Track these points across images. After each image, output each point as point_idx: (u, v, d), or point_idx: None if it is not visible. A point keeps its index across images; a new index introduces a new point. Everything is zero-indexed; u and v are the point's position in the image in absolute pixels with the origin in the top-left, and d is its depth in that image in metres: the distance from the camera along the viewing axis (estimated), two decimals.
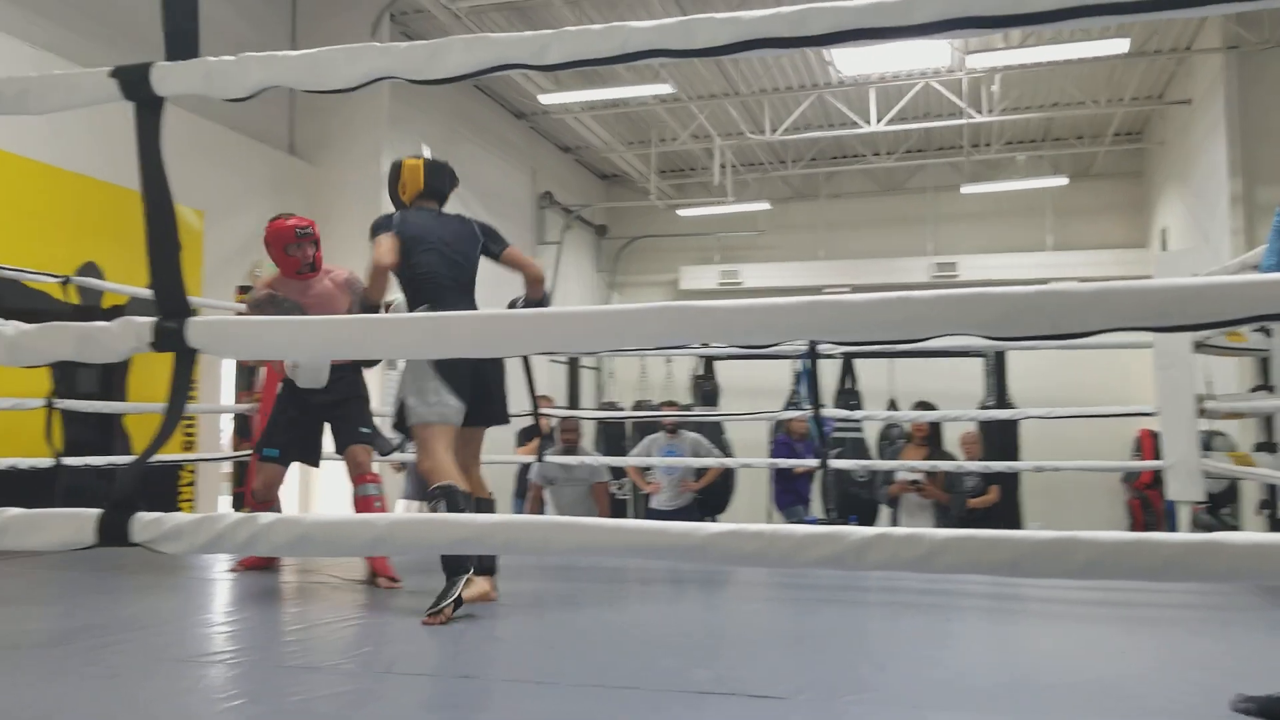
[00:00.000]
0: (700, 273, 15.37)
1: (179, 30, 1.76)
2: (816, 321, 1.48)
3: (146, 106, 1.74)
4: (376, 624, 3.65)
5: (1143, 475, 11.10)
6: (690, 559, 1.48)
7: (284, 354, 1.96)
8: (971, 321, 1.40)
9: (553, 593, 4.32)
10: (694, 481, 7.95)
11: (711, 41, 1.61)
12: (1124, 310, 1.31)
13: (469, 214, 4.50)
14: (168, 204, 1.73)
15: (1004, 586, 4.31)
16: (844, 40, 1.56)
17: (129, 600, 4.01)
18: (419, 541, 1.65)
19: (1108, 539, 1.23)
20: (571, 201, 14.44)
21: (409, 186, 4.25)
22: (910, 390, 10.14)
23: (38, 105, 1.85)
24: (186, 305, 1.73)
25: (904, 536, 1.32)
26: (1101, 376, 11.85)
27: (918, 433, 7.21)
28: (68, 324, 1.77)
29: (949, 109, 12.16)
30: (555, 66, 1.68)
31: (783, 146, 14.04)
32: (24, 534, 1.70)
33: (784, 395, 10.53)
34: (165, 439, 1.76)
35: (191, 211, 7.56)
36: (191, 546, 1.66)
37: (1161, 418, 5.41)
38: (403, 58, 1.69)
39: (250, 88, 1.71)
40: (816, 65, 11.30)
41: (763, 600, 4.36)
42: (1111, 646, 3.30)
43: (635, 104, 12.06)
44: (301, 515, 1.74)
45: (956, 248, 14.40)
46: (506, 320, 1.69)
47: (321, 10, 9.34)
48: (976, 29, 1.50)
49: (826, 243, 15.11)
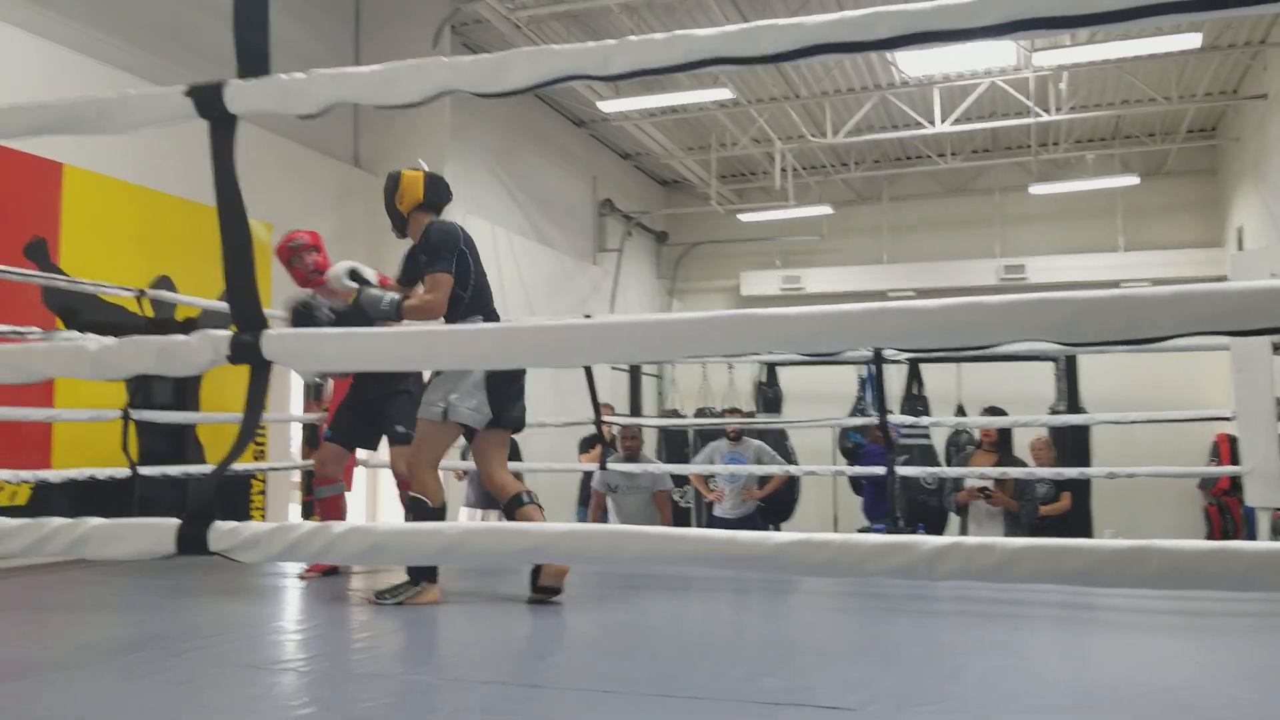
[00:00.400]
0: (762, 278, 15.30)
1: (251, 49, 1.80)
2: (884, 328, 1.47)
3: (220, 124, 1.78)
4: (446, 630, 3.68)
5: (1220, 481, 10.85)
6: (759, 569, 1.48)
7: (357, 366, 1.99)
8: (1041, 326, 1.38)
9: (617, 600, 4.32)
10: (757, 489, 7.91)
11: (775, 48, 1.60)
12: (1199, 314, 1.29)
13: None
14: (242, 219, 1.77)
15: (1077, 595, 4.23)
16: (909, 44, 1.55)
17: (200, 608, 4.09)
18: (488, 550, 1.66)
19: (1183, 547, 1.20)
20: (632, 208, 14.48)
21: (407, 197, 4.26)
22: (978, 395, 9.99)
23: (116, 125, 1.91)
24: (262, 318, 1.76)
25: (976, 546, 1.30)
26: (1176, 379, 11.60)
27: (987, 439, 7.10)
28: (147, 338, 1.82)
29: (1016, 108, 11.99)
30: (619, 76, 1.69)
31: (845, 149, 13.94)
32: (105, 544, 1.74)
33: (849, 401, 10.45)
34: (241, 450, 1.80)
35: (260, 224, 7.70)
36: (267, 555, 1.69)
37: (1239, 421, 5.28)
38: (469, 72, 1.70)
39: (320, 104, 1.74)
40: (879, 66, 11.21)
41: (830, 609, 4.33)
42: (1188, 657, 3.22)
43: (695, 109, 12.06)
44: (373, 524, 1.77)
45: (1025, 249, 14.17)
46: (572, 331, 1.70)
47: (384, 23, 9.48)
48: (1044, 29, 1.48)
49: (890, 246, 14.97)
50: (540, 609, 3.95)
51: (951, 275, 13.85)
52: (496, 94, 1.72)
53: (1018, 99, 11.57)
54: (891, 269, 14.60)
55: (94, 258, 6.26)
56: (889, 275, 14.40)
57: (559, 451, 9.78)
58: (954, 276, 13.80)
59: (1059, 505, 7.28)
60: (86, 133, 1.95)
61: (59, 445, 5.94)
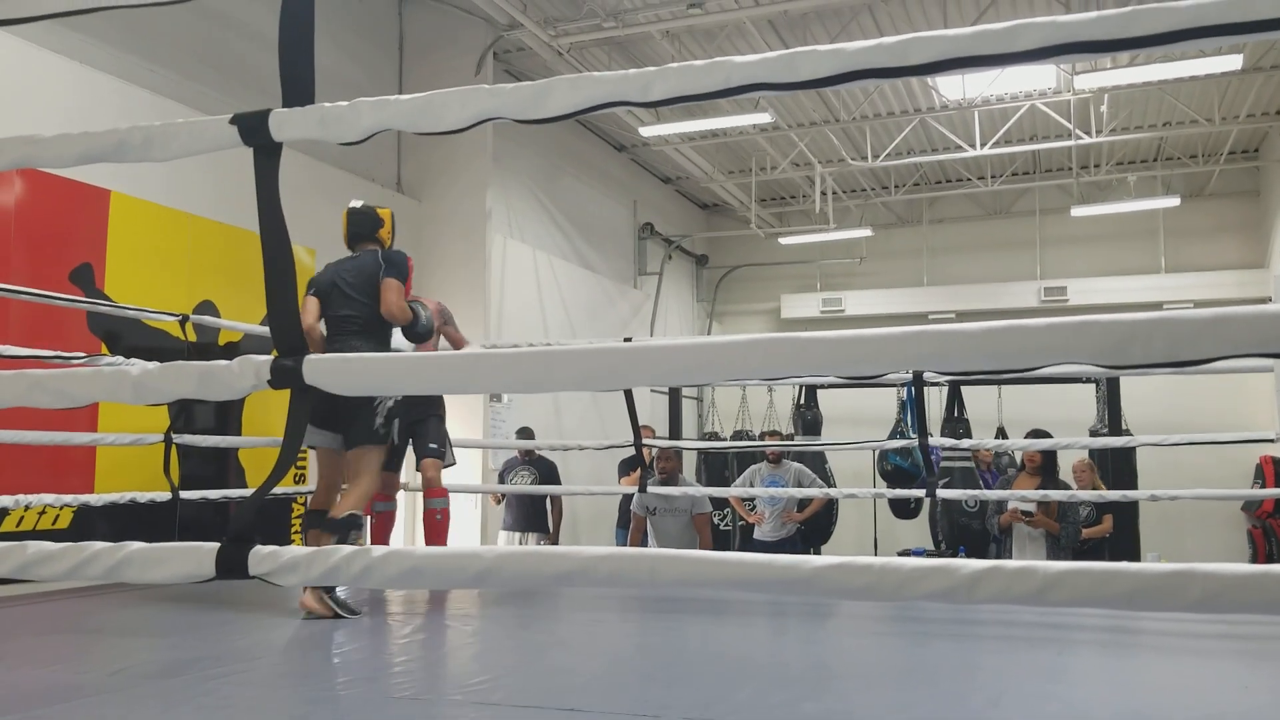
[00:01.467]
0: (802, 301, 15.27)
1: (295, 78, 1.84)
2: (925, 351, 1.46)
3: (264, 152, 1.81)
4: (483, 653, 3.69)
5: (1264, 503, 10.67)
6: (798, 592, 1.47)
7: (398, 390, 2.01)
8: (1083, 350, 1.37)
9: (656, 624, 4.31)
10: (797, 512, 7.87)
11: (814, 74, 1.61)
12: (1241, 336, 1.27)
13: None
14: (285, 246, 1.80)
15: (1120, 619, 4.17)
16: (947, 69, 1.56)
17: (240, 631, 4.12)
18: (526, 574, 1.67)
19: (1226, 571, 1.19)
20: (672, 232, 14.52)
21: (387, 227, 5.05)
22: (1019, 418, 9.91)
23: (162, 152, 1.94)
24: (303, 343, 1.79)
25: (1017, 570, 1.29)
26: (1219, 401, 11.43)
27: (1030, 462, 7.02)
28: (190, 363, 1.85)
29: (1056, 130, 11.92)
30: (659, 103, 1.70)
31: (885, 172, 13.91)
32: (146, 567, 1.76)
33: (888, 424, 10.38)
34: (283, 474, 1.82)
35: (304, 250, 7.79)
36: (307, 578, 1.71)
37: None
38: (510, 98, 1.73)
39: (363, 131, 1.77)
40: (919, 90, 11.19)
41: (869, 633, 4.29)
42: (1232, 682, 3.16)
43: (735, 133, 12.09)
44: (412, 548, 1.78)
45: (1066, 271, 14.05)
46: (612, 354, 1.71)
47: (428, 51, 9.59)
48: (1080, 54, 1.48)
49: (930, 269, 14.89)
50: (572, 625, 3.94)
51: (992, 297, 13.76)
52: (538, 120, 1.74)
53: (1058, 121, 11.51)
54: (932, 291, 14.52)
55: (139, 283, 6.37)
56: (929, 298, 14.32)
57: (600, 474, 9.79)
58: (994, 299, 13.71)
59: (1101, 528, 7.19)
60: (133, 161, 1.99)
61: (102, 469, 6.02)
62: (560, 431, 10.58)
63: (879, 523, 12.18)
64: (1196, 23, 1.37)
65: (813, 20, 9.45)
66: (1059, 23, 1.46)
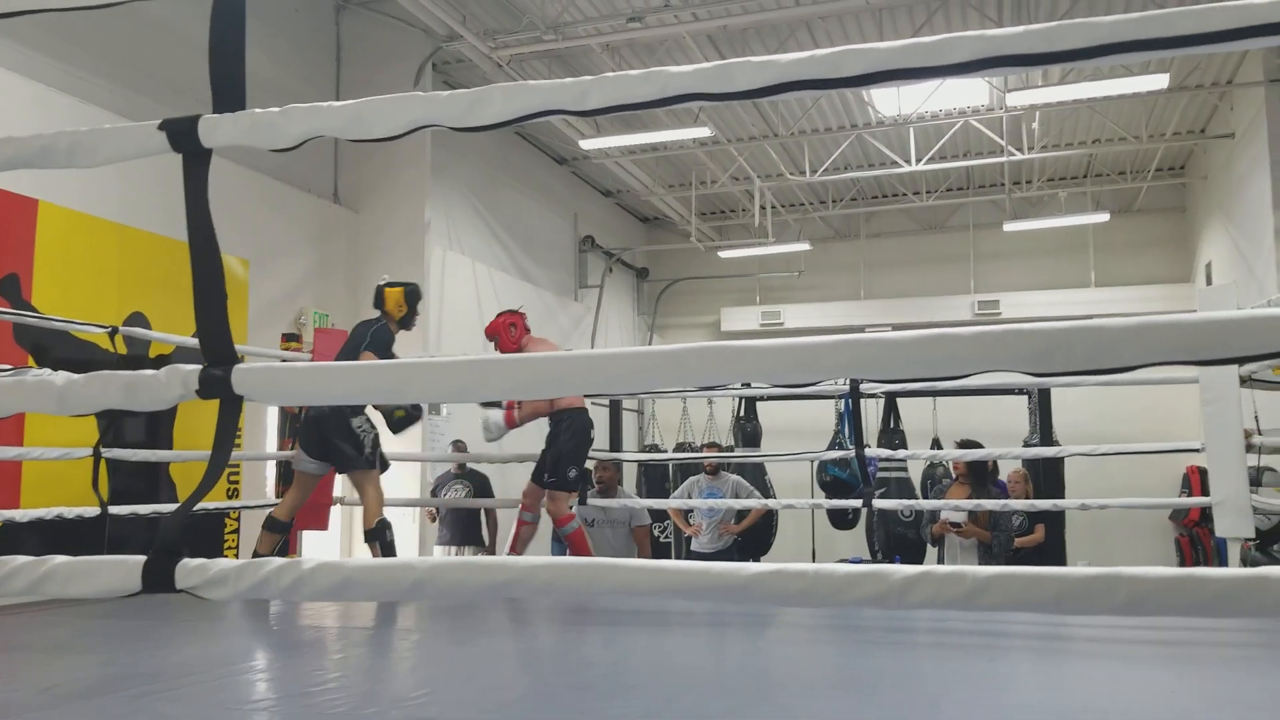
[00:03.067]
0: (742, 314, 15.37)
1: (226, 84, 1.81)
2: (856, 360, 1.48)
3: (194, 158, 1.78)
4: (419, 666, 3.65)
5: (1191, 512, 10.93)
6: (734, 599, 1.47)
7: (329, 400, 1.98)
8: (1010, 358, 1.40)
9: (597, 635, 4.30)
10: (735, 524, 7.90)
11: (749, 84, 1.62)
12: (1162, 344, 1.30)
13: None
14: (214, 253, 1.77)
15: (1050, 625, 4.24)
16: (879, 81, 1.58)
17: (171, 647, 4.04)
18: (461, 584, 1.65)
19: (1152, 574, 1.21)
20: (613, 245, 14.54)
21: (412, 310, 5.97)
22: (954, 429, 10.04)
23: (87, 159, 1.90)
24: (233, 352, 1.76)
25: (947, 575, 1.31)
26: (1147, 413, 11.69)
27: (960, 472, 7.12)
28: (116, 373, 1.81)
29: (989, 147, 12.14)
30: (596, 111, 1.71)
31: (822, 187, 14.07)
32: (70, 581, 1.72)
33: (827, 435, 10.47)
34: (211, 485, 1.79)
35: (237, 261, 7.69)
36: (235, 592, 1.68)
37: (1208, 453, 5.33)
38: (445, 106, 1.72)
39: (296, 137, 1.75)
40: (855, 106, 11.33)
41: (809, 642, 4.32)
42: (1161, 686, 3.23)
43: (675, 147, 12.15)
44: (343, 560, 1.76)
45: (999, 285, 14.31)
46: (548, 363, 1.70)
47: (366, 63, 9.52)
48: (1010, 67, 1.50)
49: (867, 282, 15.07)
50: (516, 638, 3.92)
51: (927, 311, 13.97)
52: (473, 128, 1.74)
53: (991, 138, 11.72)
54: (869, 305, 14.70)
55: (68, 294, 6.23)
56: (866, 311, 14.50)
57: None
58: (930, 312, 13.92)
59: (1033, 537, 7.30)
60: (60, 167, 1.95)
61: (28, 483, 5.87)
62: (499, 443, 10.51)
63: (817, 534, 12.27)
64: (1118, 38, 1.40)
65: (751, 36, 9.53)
66: (987, 36, 1.49)
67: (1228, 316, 1.29)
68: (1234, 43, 1.42)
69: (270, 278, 8.24)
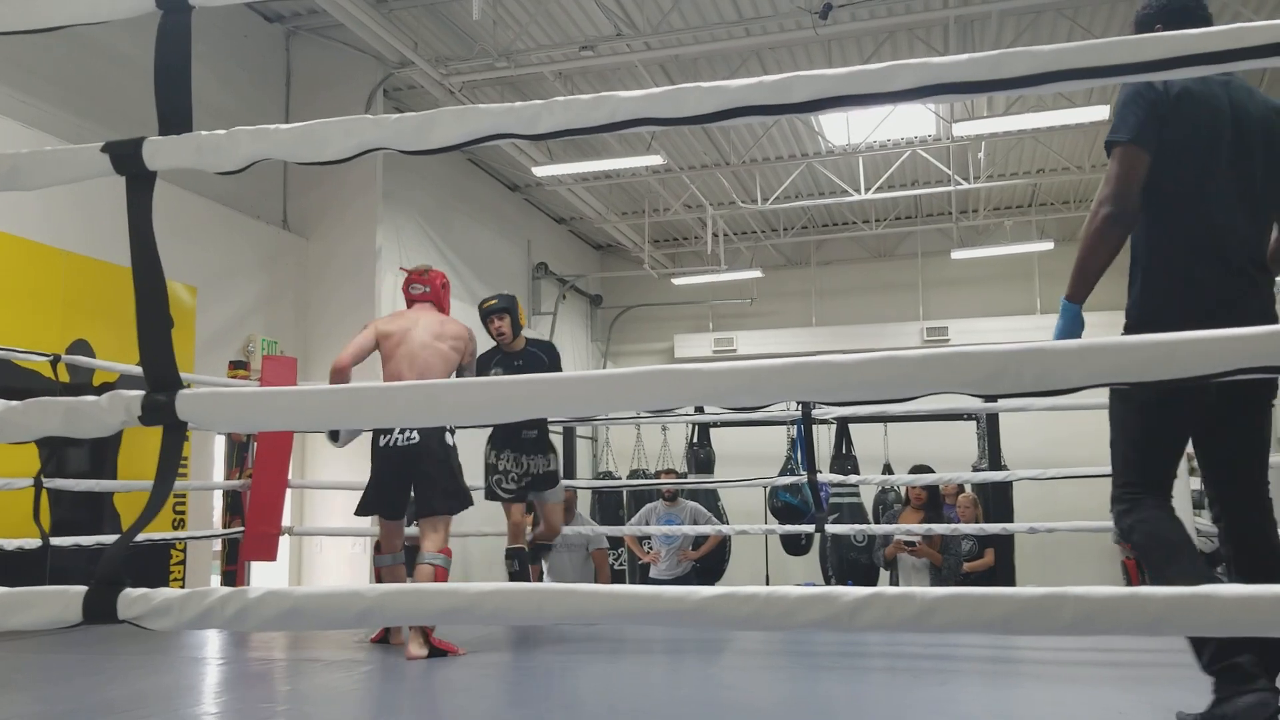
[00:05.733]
0: (695, 341, 15.42)
1: (171, 106, 1.79)
2: (804, 382, 1.49)
3: (138, 181, 1.75)
4: (368, 698, 3.60)
5: None
6: (685, 623, 1.47)
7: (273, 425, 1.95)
8: (959, 380, 1.41)
9: (550, 661, 4.26)
10: (692, 550, 7.89)
11: (698, 109, 1.63)
12: (1106, 366, 1.32)
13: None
14: (158, 276, 1.75)
15: (1001, 649, 4.27)
16: (827, 107, 1.59)
17: (114, 681, 3.95)
18: (409, 611, 1.63)
19: (1097, 594, 1.23)
20: (566, 272, 14.54)
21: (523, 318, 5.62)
22: (905, 454, 10.12)
23: (29, 181, 1.87)
24: (177, 378, 1.73)
25: (896, 596, 1.31)
26: (1093, 437, 11.81)
27: (916, 499, 7.18)
28: (55, 399, 1.77)
29: (936, 176, 12.31)
30: (547, 135, 1.70)
31: (774, 215, 14.18)
32: (8, 613, 1.67)
33: (779, 461, 10.51)
34: (154, 513, 1.75)
35: (184, 287, 7.59)
36: (179, 622, 1.64)
37: None
38: (395, 129, 1.71)
39: (242, 160, 1.73)
40: (806, 135, 11.45)
41: (762, 667, 4.31)
42: (1110, 706, 3.26)
43: (628, 175, 12.20)
44: (291, 588, 1.73)
45: (947, 313, 14.48)
46: (497, 387, 1.70)
47: (316, 88, 9.46)
48: (954, 94, 1.53)
49: (819, 309, 15.19)
50: (468, 668, 3.88)
51: (877, 337, 14.09)
52: (423, 151, 1.73)
53: (938, 167, 11.89)
54: (820, 331, 14.81)
55: (9, 322, 6.12)
56: (817, 338, 14.59)
57: (492, 514, 9.67)
58: (880, 339, 14.05)
59: (983, 561, 7.37)
60: (1, 190, 1.92)
61: None
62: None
63: (771, 559, 12.30)
64: (1058, 66, 1.43)
65: (703, 64, 9.62)
66: (931, 64, 1.51)
67: (1168, 339, 1.31)
68: (1167, 71, 1.46)
69: (218, 305, 8.14)
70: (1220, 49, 1.38)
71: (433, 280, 5.15)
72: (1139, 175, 2.51)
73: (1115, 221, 2.57)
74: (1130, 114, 2.51)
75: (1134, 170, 2.51)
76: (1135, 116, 2.50)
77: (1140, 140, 2.50)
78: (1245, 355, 1.28)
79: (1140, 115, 2.50)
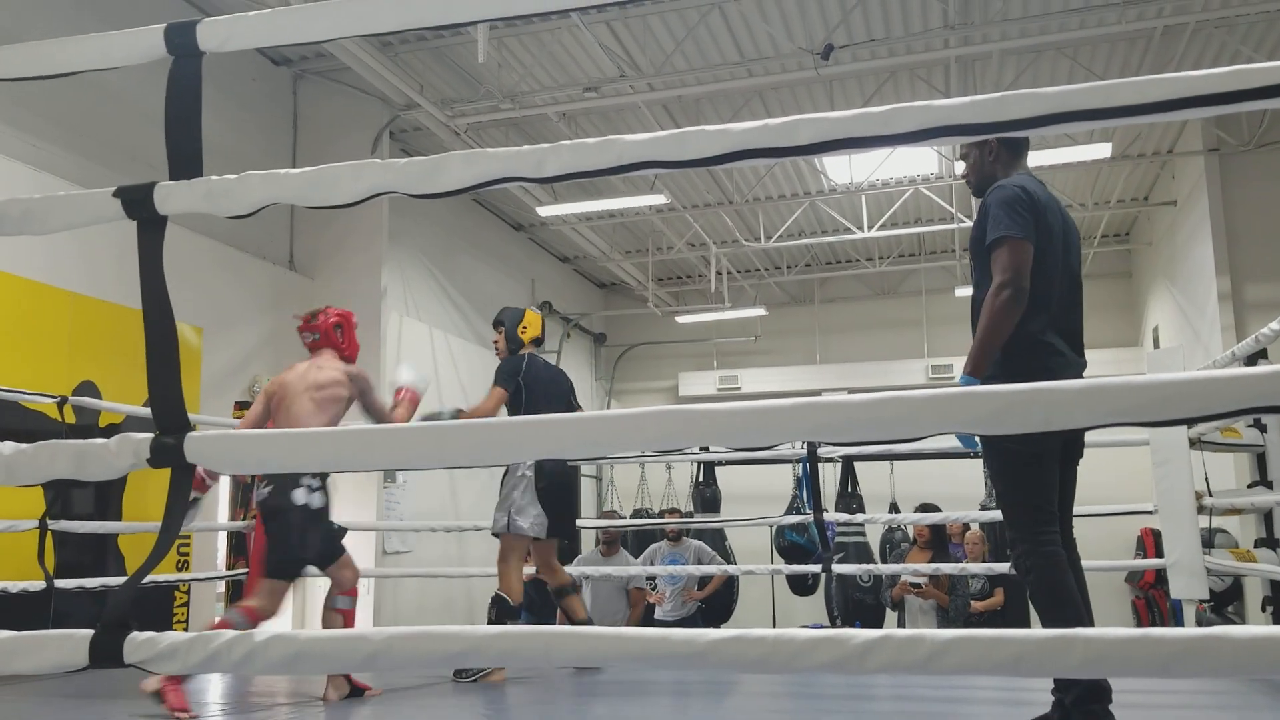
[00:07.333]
0: (699, 379, 15.41)
1: (182, 150, 1.81)
2: (811, 422, 1.49)
3: (148, 225, 1.77)
4: None
5: (1146, 574, 10.99)
6: (693, 666, 1.46)
7: (281, 467, 1.95)
8: (965, 419, 1.41)
9: (561, 704, 4.23)
10: (698, 590, 7.85)
11: (703, 152, 1.65)
12: (1114, 406, 1.33)
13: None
14: (168, 320, 1.76)
15: (1011, 691, 4.23)
16: (831, 149, 1.61)
17: None
18: (416, 655, 1.63)
19: (1108, 635, 1.22)
20: (570, 310, 14.57)
21: (529, 331, 5.42)
22: (912, 493, 10.08)
23: (41, 226, 1.89)
24: (185, 420, 1.73)
25: (906, 639, 1.30)
26: (1101, 475, 11.74)
27: (920, 536, 7.15)
28: (65, 442, 1.77)
29: (939, 214, 12.35)
30: (553, 179, 1.72)
31: (777, 253, 14.22)
32: (14, 656, 1.67)
33: (785, 500, 10.47)
34: (161, 556, 1.75)
35: (190, 328, 7.61)
36: (186, 666, 1.64)
37: (1161, 515, 5.39)
38: (404, 173, 1.73)
39: (252, 205, 1.75)
40: (808, 174, 11.51)
41: (770, 710, 4.27)
42: None
43: (632, 214, 12.25)
44: (296, 632, 1.73)
45: (952, 350, 14.46)
46: (505, 429, 1.70)
47: (323, 130, 9.54)
48: (955, 136, 1.54)
49: (823, 347, 15.20)
50: (475, 705, 3.85)
51: (882, 375, 14.07)
52: (432, 195, 1.74)
53: (941, 205, 11.93)
54: (824, 369, 14.80)
55: (16, 364, 6.13)
56: (822, 375, 14.58)
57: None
58: (884, 376, 14.02)
59: (994, 600, 7.31)
60: (11, 234, 1.93)
61: None
62: (456, 513, 10.43)
63: (777, 600, 12.21)
64: (1062, 108, 1.44)
65: (705, 105, 9.69)
66: (934, 107, 1.53)
67: (1175, 378, 1.32)
68: (1171, 113, 1.47)
69: (224, 345, 8.16)
70: (1225, 90, 1.39)
71: (323, 325, 4.90)
72: (1029, 264, 3.09)
73: (1016, 303, 3.09)
74: (1019, 215, 3.09)
75: (1026, 260, 3.09)
76: (1024, 218, 3.09)
77: (1029, 237, 3.09)
78: (1253, 396, 1.29)
79: (1029, 217, 3.09)
